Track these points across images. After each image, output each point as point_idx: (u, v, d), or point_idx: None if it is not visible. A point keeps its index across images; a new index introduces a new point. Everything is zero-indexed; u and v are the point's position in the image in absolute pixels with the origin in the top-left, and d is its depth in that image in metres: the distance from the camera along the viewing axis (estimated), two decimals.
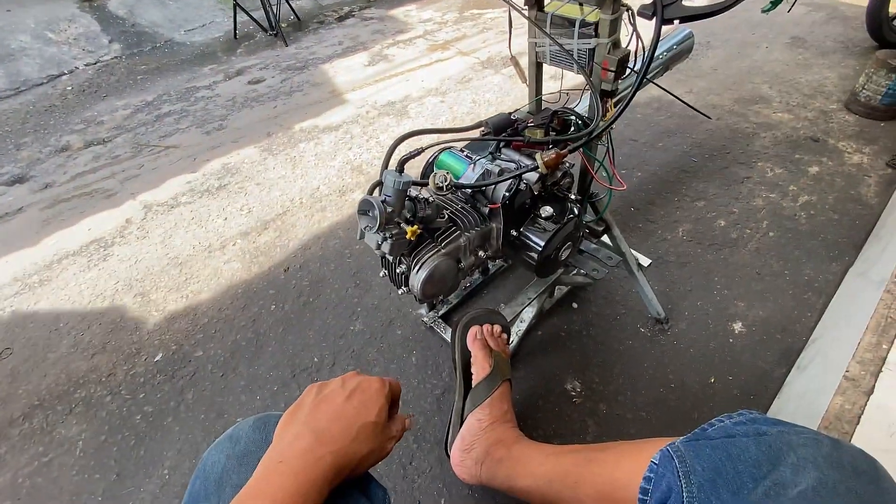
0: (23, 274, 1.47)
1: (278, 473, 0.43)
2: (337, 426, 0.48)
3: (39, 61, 2.73)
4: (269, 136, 2.00)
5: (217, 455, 0.52)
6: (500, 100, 2.11)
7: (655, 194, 1.55)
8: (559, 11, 0.80)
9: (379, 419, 0.51)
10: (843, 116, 1.85)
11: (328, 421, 0.49)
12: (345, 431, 0.48)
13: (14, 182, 1.88)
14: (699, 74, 2.19)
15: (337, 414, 0.49)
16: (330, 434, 0.47)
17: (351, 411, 0.50)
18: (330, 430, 0.48)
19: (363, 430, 0.49)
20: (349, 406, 0.50)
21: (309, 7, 3.27)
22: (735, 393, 1.03)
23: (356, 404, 0.51)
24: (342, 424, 0.48)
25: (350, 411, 0.50)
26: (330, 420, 0.49)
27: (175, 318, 1.29)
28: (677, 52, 1.25)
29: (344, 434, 0.48)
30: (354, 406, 0.51)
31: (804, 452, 0.44)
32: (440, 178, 0.74)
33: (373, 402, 0.52)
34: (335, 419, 0.49)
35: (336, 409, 0.50)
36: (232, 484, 0.49)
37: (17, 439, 1.08)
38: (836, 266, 1.27)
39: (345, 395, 0.51)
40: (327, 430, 0.48)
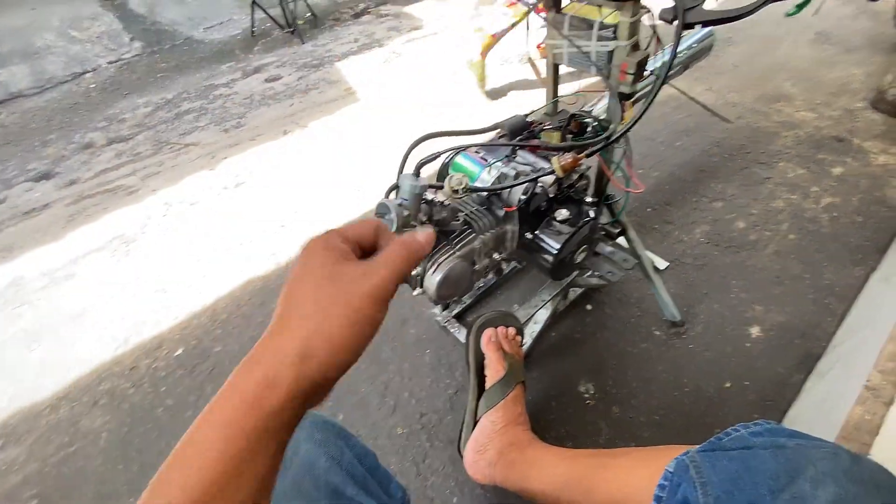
0: (50, 268, 1.52)
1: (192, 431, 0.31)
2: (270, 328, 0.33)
3: (64, 59, 2.80)
4: (285, 134, 2.02)
5: None
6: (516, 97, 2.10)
7: (672, 195, 1.53)
8: (578, 13, 0.79)
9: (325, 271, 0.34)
10: (869, 115, 1.79)
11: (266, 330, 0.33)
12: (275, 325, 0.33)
13: (41, 178, 1.94)
14: (720, 71, 2.15)
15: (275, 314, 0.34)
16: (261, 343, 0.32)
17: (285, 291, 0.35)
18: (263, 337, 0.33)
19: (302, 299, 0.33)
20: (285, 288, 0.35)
21: (325, 4, 3.28)
22: (751, 398, 1.02)
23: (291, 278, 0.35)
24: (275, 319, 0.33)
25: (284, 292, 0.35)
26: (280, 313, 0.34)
27: (195, 313, 1.32)
28: (697, 50, 1.23)
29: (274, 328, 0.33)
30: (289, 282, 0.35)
31: (823, 466, 0.44)
32: (455, 182, 0.74)
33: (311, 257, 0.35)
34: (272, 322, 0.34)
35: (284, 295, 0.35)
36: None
37: (45, 430, 1.12)
38: (859, 270, 1.24)
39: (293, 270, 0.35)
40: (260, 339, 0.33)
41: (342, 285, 0.33)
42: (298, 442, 0.55)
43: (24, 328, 1.34)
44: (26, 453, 1.08)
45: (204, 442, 0.30)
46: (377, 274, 0.35)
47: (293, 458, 0.53)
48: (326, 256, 0.35)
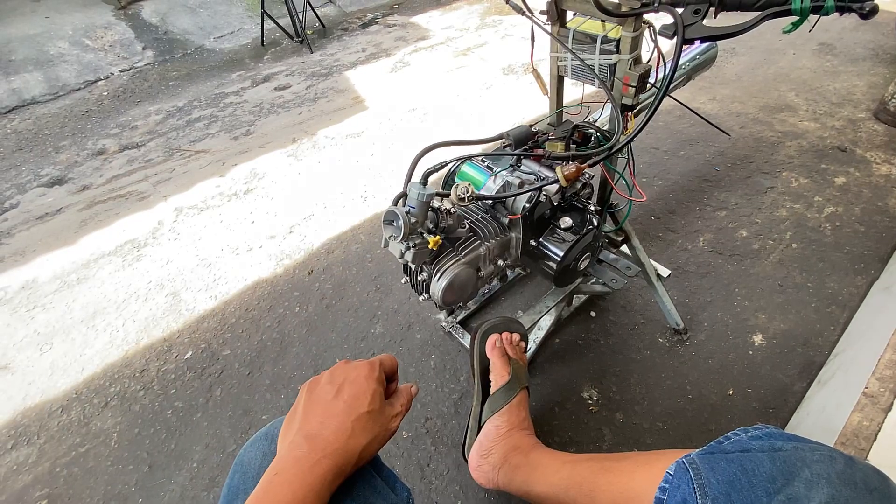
0: (62, 272, 1.55)
1: (276, 485, 0.44)
2: (330, 427, 0.48)
3: (77, 67, 2.85)
4: (294, 142, 2.06)
5: (254, 452, 0.55)
6: (521, 106, 2.13)
7: (676, 203, 1.54)
8: (581, 28, 0.81)
9: (373, 407, 0.51)
10: (871, 126, 1.81)
11: (320, 424, 0.48)
12: (339, 431, 0.48)
13: (54, 184, 1.98)
14: (723, 82, 2.17)
15: (328, 414, 0.49)
16: (323, 438, 0.47)
17: (342, 407, 0.50)
18: (323, 433, 0.48)
19: (358, 423, 0.49)
20: (339, 403, 0.50)
21: (334, 14, 3.34)
22: (754, 406, 1.03)
23: (347, 398, 0.50)
24: (335, 424, 0.48)
25: (341, 408, 0.50)
26: (322, 422, 0.49)
27: (204, 317, 1.34)
28: (700, 62, 1.25)
29: (338, 434, 0.48)
30: (345, 401, 0.50)
31: (818, 469, 0.45)
32: (462, 190, 0.76)
33: (363, 392, 0.51)
34: (327, 419, 0.49)
35: (326, 409, 0.50)
36: None
37: (56, 430, 1.14)
38: (861, 279, 1.25)
39: (334, 391, 0.51)
40: (320, 434, 0.48)
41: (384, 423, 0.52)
42: None
43: (37, 330, 1.37)
44: (37, 453, 1.10)
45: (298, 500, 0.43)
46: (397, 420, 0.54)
47: None
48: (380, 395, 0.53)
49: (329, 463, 0.46)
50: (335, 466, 0.46)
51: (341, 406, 0.50)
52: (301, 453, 0.46)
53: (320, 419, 0.49)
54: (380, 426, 0.51)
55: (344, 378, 0.53)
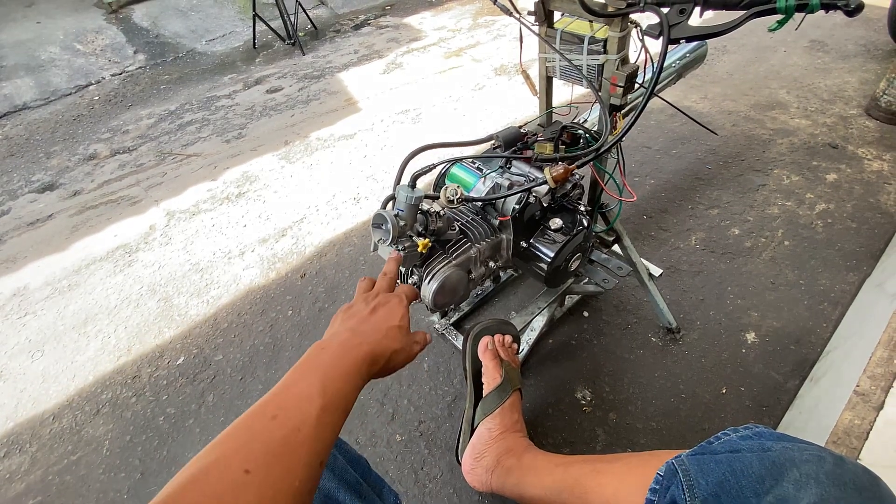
0: (53, 278, 1.54)
1: (324, 356, 0.50)
2: (367, 326, 0.57)
3: (68, 72, 2.84)
4: (286, 145, 2.05)
5: None
6: (513, 106, 2.13)
7: (668, 202, 1.55)
8: (569, 28, 0.81)
9: (402, 323, 0.59)
10: (863, 122, 1.82)
11: (359, 323, 0.57)
12: (375, 330, 0.56)
13: (45, 189, 1.96)
14: (715, 80, 2.17)
15: (365, 319, 0.58)
16: (362, 331, 0.56)
17: (378, 318, 0.58)
18: (362, 328, 0.56)
19: (390, 330, 0.57)
20: (375, 315, 0.59)
21: (326, 16, 3.33)
22: (747, 404, 1.03)
23: (381, 312, 0.59)
24: (372, 325, 0.57)
25: (377, 318, 0.58)
26: (360, 323, 0.57)
27: (196, 322, 1.34)
28: (690, 59, 1.25)
29: (374, 331, 0.56)
30: (379, 315, 0.59)
31: (807, 469, 0.45)
32: (451, 192, 0.76)
33: (394, 312, 0.60)
34: (364, 322, 0.57)
35: (364, 317, 0.58)
36: None
37: (48, 438, 1.13)
38: (853, 276, 1.26)
39: (369, 309, 0.60)
40: (359, 328, 0.56)
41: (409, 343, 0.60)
42: None
43: (28, 337, 1.36)
44: (29, 461, 1.09)
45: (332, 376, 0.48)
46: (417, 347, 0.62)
47: None
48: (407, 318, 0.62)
49: (367, 349, 0.52)
50: (371, 354, 0.53)
51: (376, 316, 0.59)
52: (344, 337, 0.53)
53: (359, 321, 0.57)
54: (405, 342, 0.58)
55: (378, 300, 0.61)
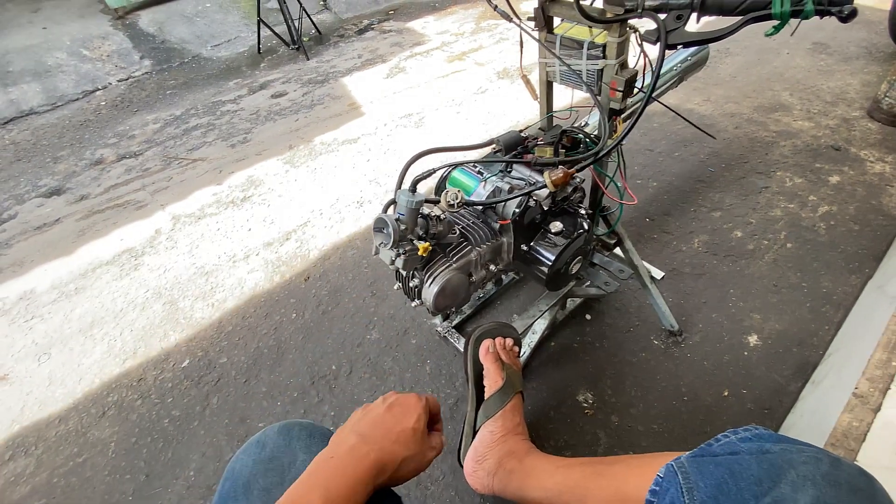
0: (60, 282, 1.55)
1: (329, 467, 0.50)
2: (379, 430, 0.55)
3: (75, 77, 2.87)
4: (290, 149, 2.07)
5: (245, 459, 0.55)
6: (515, 110, 2.14)
7: (671, 205, 1.55)
8: (568, 34, 0.82)
9: (417, 426, 0.57)
10: (865, 124, 1.81)
11: (371, 427, 0.56)
12: (386, 434, 0.55)
13: (52, 194, 1.99)
14: (717, 82, 2.18)
15: (378, 421, 0.57)
16: (372, 436, 0.54)
17: (390, 419, 0.57)
18: (372, 433, 0.55)
19: (402, 434, 0.55)
20: (389, 415, 0.57)
21: (330, 21, 3.36)
22: (749, 407, 1.03)
23: (395, 413, 0.58)
24: (383, 429, 0.55)
25: (390, 419, 0.57)
26: (372, 426, 0.56)
27: (201, 325, 1.35)
28: (692, 63, 1.25)
29: (385, 436, 0.54)
30: (393, 415, 0.58)
31: (804, 470, 0.45)
32: (452, 196, 0.77)
33: (410, 412, 0.58)
34: (377, 425, 0.56)
35: (377, 418, 0.57)
36: (259, 487, 0.53)
37: (54, 440, 1.14)
38: (856, 279, 1.25)
39: (384, 407, 0.59)
40: (370, 433, 0.54)
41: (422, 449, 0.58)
42: (296, 452, 0.57)
43: (35, 341, 1.38)
44: (35, 463, 1.10)
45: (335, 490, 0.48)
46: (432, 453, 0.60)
47: (290, 468, 0.56)
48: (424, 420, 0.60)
49: (375, 457, 0.52)
50: (379, 462, 0.52)
51: (390, 418, 0.57)
52: (353, 444, 0.52)
53: (371, 424, 0.56)
54: (419, 448, 0.56)
55: (395, 400, 0.60)
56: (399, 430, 0.56)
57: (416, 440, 0.56)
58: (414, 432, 0.56)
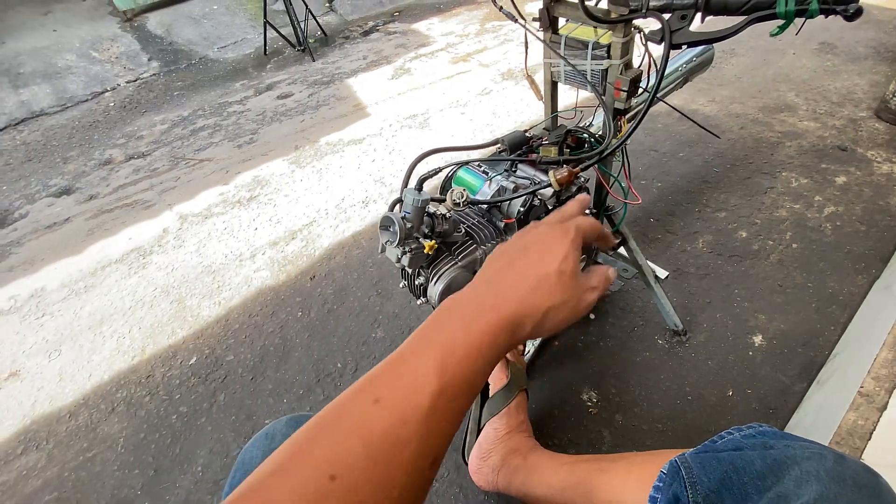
0: (70, 280, 1.57)
1: (449, 318, 0.40)
2: (512, 277, 0.44)
3: (84, 79, 2.91)
4: (296, 149, 2.08)
5: (254, 451, 0.56)
6: (519, 111, 2.15)
7: (675, 205, 1.55)
8: (573, 34, 0.83)
9: (564, 267, 0.44)
10: (872, 125, 1.80)
11: (503, 271, 0.45)
12: (521, 282, 0.43)
13: (62, 193, 2.01)
14: (722, 83, 2.17)
15: (511, 266, 0.45)
16: (504, 284, 0.43)
17: (527, 262, 0.45)
18: (504, 280, 0.43)
19: (545, 279, 0.43)
20: (525, 258, 0.45)
21: (335, 23, 3.38)
22: (753, 406, 1.03)
23: (532, 257, 0.45)
24: (518, 275, 0.44)
25: (526, 263, 0.45)
26: (504, 271, 0.45)
27: (208, 323, 1.36)
28: (697, 63, 1.26)
29: (520, 284, 0.43)
30: (530, 259, 0.45)
31: (808, 466, 0.46)
32: (457, 195, 0.77)
33: (554, 251, 0.45)
34: (510, 271, 0.44)
35: (510, 262, 0.45)
36: None
37: (64, 435, 1.16)
38: (862, 279, 1.25)
39: (519, 248, 0.47)
40: (501, 281, 0.43)
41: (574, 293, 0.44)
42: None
43: (46, 338, 1.40)
44: (46, 458, 1.12)
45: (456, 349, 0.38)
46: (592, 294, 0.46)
47: None
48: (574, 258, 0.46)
49: (509, 310, 0.40)
50: (514, 316, 0.40)
51: (526, 261, 0.45)
52: (481, 293, 0.42)
53: (503, 268, 0.45)
54: (571, 291, 0.44)
55: (533, 237, 0.47)
56: (540, 275, 0.43)
57: (563, 285, 0.43)
58: (560, 275, 0.43)
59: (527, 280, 0.43)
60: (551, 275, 0.43)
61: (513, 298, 0.41)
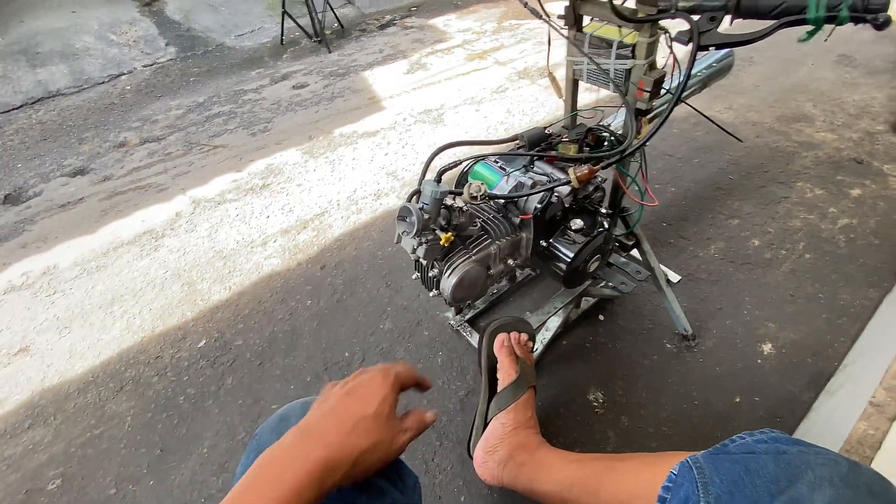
0: (82, 259, 1.59)
1: (268, 469, 0.44)
2: (329, 422, 0.48)
3: (101, 61, 2.92)
4: (310, 140, 2.09)
5: (269, 433, 0.57)
6: (534, 110, 2.14)
7: (689, 210, 1.54)
8: (598, 33, 0.83)
9: (380, 411, 0.49)
10: (889, 138, 1.79)
11: (321, 418, 0.48)
12: (338, 426, 0.47)
13: (76, 174, 2.03)
14: (740, 91, 2.16)
15: (330, 411, 0.49)
16: (320, 430, 0.47)
17: (346, 406, 0.49)
18: (320, 426, 0.47)
19: (361, 422, 0.48)
20: (345, 402, 0.50)
21: (352, 15, 3.38)
22: (760, 414, 1.02)
23: (354, 399, 0.50)
24: (335, 420, 0.48)
25: (344, 407, 0.49)
26: (322, 417, 0.49)
27: (218, 307, 1.37)
28: (716, 69, 1.25)
29: (336, 429, 0.47)
30: (352, 401, 0.50)
31: (822, 472, 0.45)
32: (474, 189, 0.78)
33: (372, 395, 0.50)
34: (328, 416, 0.48)
35: (330, 407, 0.49)
36: None
37: (72, 412, 1.17)
38: (874, 292, 1.24)
39: (342, 393, 0.51)
40: (317, 427, 0.47)
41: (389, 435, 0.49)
42: None
43: (57, 315, 1.41)
44: (53, 433, 1.13)
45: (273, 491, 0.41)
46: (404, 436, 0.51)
47: None
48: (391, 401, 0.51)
49: (320, 455, 0.44)
50: (326, 460, 0.44)
51: (345, 405, 0.49)
52: (294, 441, 0.46)
53: (321, 415, 0.49)
54: (384, 434, 0.49)
55: (356, 382, 0.52)
56: (357, 418, 0.48)
57: (379, 427, 0.48)
58: (376, 418, 0.48)
59: (345, 423, 0.47)
60: (369, 417, 0.48)
61: (329, 443, 0.45)
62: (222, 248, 1.57)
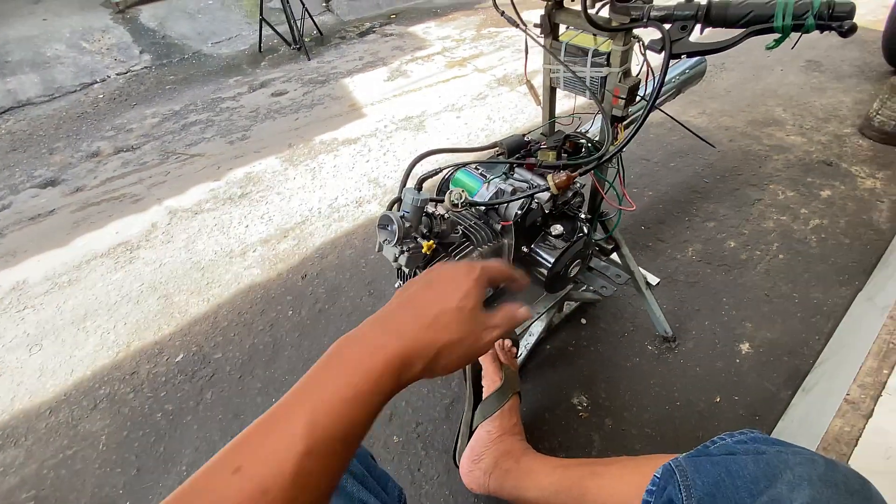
0: (53, 273, 1.54)
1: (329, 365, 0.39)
2: (406, 313, 0.43)
3: (73, 69, 2.86)
4: (290, 148, 2.07)
5: None
6: (514, 117, 2.16)
7: (666, 214, 1.57)
8: (573, 41, 0.84)
9: (464, 305, 0.44)
10: (856, 141, 1.85)
11: (398, 308, 0.44)
12: (415, 318, 0.42)
13: (47, 185, 1.97)
14: (713, 96, 2.21)
15: (409, 302, 0.44)
16: (396, 321, 0.42)
17: (426, 298, 0.44)
18: (396, 317, 0.43)
19: (442, 315, 0.43)
20: (424, 293, 0.45)
21: (332, 22, 3.37)
22: (740, 413, 1.04)
23: (434, 291, 0.45)
24: (413, 311, 0.43)
25: (424, 298, 0.45)
26: (400, 307, 0.44)
27: (196, 320, 1.34)
28: (690, 76, 1.28)
29: (414, 321, 0.42)
30: (432, 293, 0.45)
31: (800, 471, 0.46)
32: (455, 196, 0.78)
33: (454, 287, 0.45)
34: (405, 306, 0.44)
35: (411, 297, 0.45)
36: None
37: (44, 432, 1.13)
38: (846, 290, 1.28)
39: (421, 284, 0.46)
40: (394, 318, 0.43)
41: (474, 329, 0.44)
42: None
43: (27, 331, 1.36)
44: (25, 455, 1.09)
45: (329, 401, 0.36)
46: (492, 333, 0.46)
47: None
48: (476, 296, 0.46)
49: (397, 347, 0.39)
50: (403, 353, 0.39)
51: (426, 297, 0.45)
52: (368, 332, 0.41)
53: (399, 306, 0.44)
54: (469, 329, 0.44)
55: (437, 273, 0.48)
56: (437, 311, 0.43)
57: (461, 322, 0.43)
58: (458, 312, 0.43)
59: (423, 315, 0.42)
60: (449, 310, 0.43)
61: (405, 335, 0.41)
62: (200, 259, 1.54)
